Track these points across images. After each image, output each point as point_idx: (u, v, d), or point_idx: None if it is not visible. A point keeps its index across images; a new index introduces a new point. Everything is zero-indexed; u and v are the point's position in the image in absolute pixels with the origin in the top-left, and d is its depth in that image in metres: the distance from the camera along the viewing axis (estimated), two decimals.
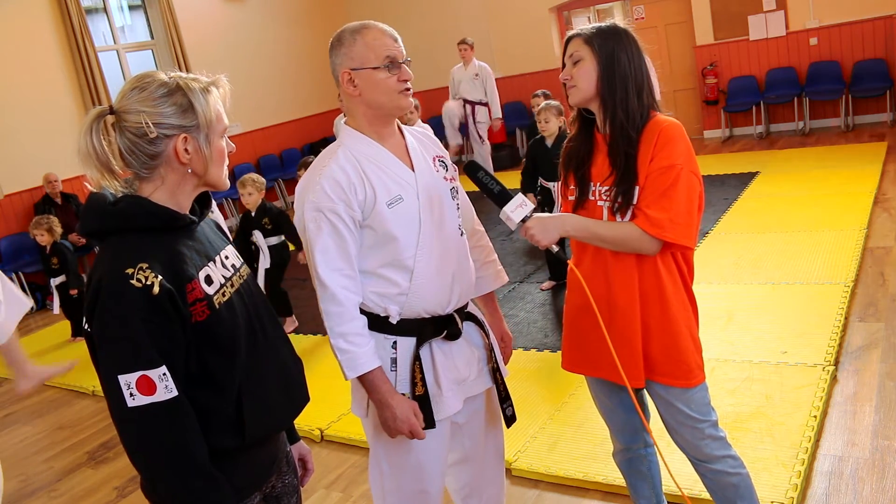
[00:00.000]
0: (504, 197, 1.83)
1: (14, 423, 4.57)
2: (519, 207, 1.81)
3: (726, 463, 1.96)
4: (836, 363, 3.37)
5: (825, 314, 3.83)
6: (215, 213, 5.40)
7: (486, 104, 8.29)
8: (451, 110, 8.46)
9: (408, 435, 1.82)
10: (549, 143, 4.70)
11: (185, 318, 1.34)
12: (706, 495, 2.10)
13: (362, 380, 1.81)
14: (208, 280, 1.41)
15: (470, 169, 1.89)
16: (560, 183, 2.05)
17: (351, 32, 1.82)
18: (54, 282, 5.90)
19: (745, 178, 6.84)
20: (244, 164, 9.45)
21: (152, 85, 1.38)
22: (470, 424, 2.06)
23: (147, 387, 1.28)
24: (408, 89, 1.83)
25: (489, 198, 1.86)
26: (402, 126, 1.95)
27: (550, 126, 4.64)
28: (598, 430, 3.01)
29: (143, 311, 1.28)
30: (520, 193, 1.85)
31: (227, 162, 1.48)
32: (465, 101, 8.39)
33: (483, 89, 8.26)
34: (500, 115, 8.38)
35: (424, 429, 1.86)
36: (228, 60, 9.29)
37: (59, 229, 5.85)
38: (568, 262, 1.90)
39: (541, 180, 4.85)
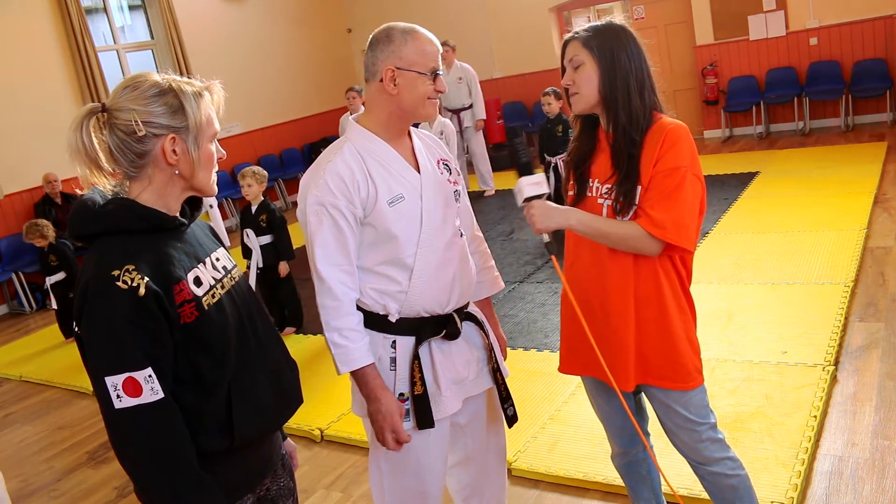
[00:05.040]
0: (527, 169, 1.86)
1: (14, 423, 4.57)
2: (535, 185, 1.83)
3: (725, 465, 1.96)
4: (836, 363, 3.37)
5: (825, 314, 3.83)
6: (214, 214, 5.36)
7: (470, 107, 8.12)
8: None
9: (389, 435, 1.82)
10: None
11: (173, 319, 1.34)
12: (706, 496, 2.09)
13: (354, 375, 1.82)
14: (197, 281, 1.40)
15: (510, 133, 1.96)
16: (563, 181, 2.06)
17: (402, 32, 1.82)
18: (50, 280, 5.90)
19: (745, 178, 6.84)
20: (244, 163, 9.44)
21: (144, 84, 1.38)
22: (471, 425, 2.06)
23: (133, 388, 1.28)
24: (437, 100, 1.88)
25: (514, 164, 1.90)
26: (411, 129, 1.96)
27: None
28: (598, 430, 3.00)
29: (128, 312, 1.28)
30: (542, 174, 1.87)
31: (216, 168, 1.48)
32: (451, 112, 8.10)
33: (468, 92, 8.09)
34: (483, 116, 8.20)
35: (423, 428, 1.86)
36: (228, 60, 9.30)
37: (51, 233, 5.85)
38: (552, 256, 1.89)
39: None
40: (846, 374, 3.27)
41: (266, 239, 4.91)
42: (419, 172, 1.87)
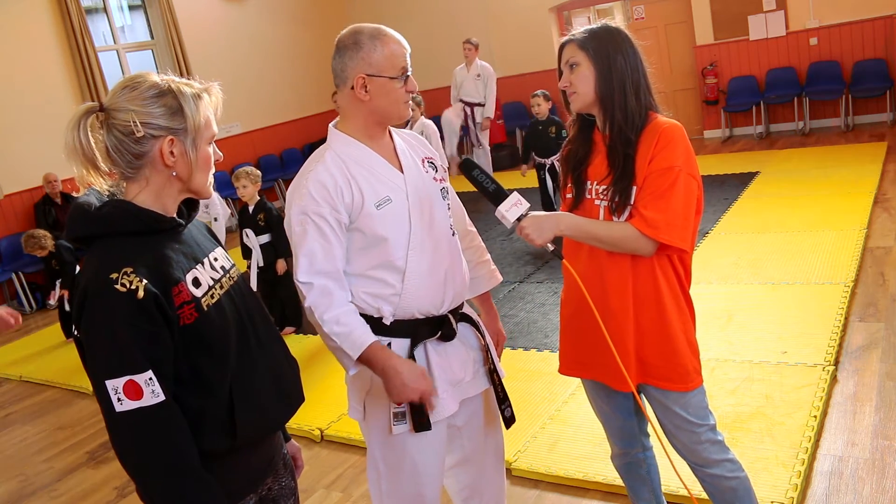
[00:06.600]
0: (499, 195, 1.82)
1: (14, 423, 4.56)
2: (514, 206, 1.80)
3: (724, 467, 1.96)
4: (836, 363, 3.36)
5: (825, 314, 3.83)
6: (218, 227, 5.36)
7: (483, 104, 8.32)
8: (450, 119, 8.43)
9: (421, 398, 1.78)
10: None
11: (173, 321, 1.33)
12: (705, 496, 2.09)
13: (363, 359, 1.77)
14: (196, 282, 1.40)
15: (465, 167, 1.88)
16: (561, 184, 2.06)
17: (370, 38, 1.78)
18: (58, 283, 5.95)
19: (745, 178, 6.84)
20: (244, 163, 9.43)
21: (143, 85, 1.38)
22: (468, 426, 2.05)
23: (134, 391, 1.28)
24: (410, 100, 1.85)
25: (485, 196, 1.86)
26: (392, 129, 1.95)
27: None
28: (597, 430, 3.00)
29: (127, 315, 1.28)
30: (515, 192, 1.84)
31: (212, 170, 1.47)
32: (465, 103, 8.38)
33: (484, 90, 8.29)
34: (492, 115, 8.42)
35: (420, 431, 1.86)
36: (228, 60, 9.29)
37: (50, 243, 5.85)
38: (563, 261, 1.89)
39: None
40: (846, 374, 3.27)
41: (265, 238, 4.92)
42: (403, 173, 1.86)
